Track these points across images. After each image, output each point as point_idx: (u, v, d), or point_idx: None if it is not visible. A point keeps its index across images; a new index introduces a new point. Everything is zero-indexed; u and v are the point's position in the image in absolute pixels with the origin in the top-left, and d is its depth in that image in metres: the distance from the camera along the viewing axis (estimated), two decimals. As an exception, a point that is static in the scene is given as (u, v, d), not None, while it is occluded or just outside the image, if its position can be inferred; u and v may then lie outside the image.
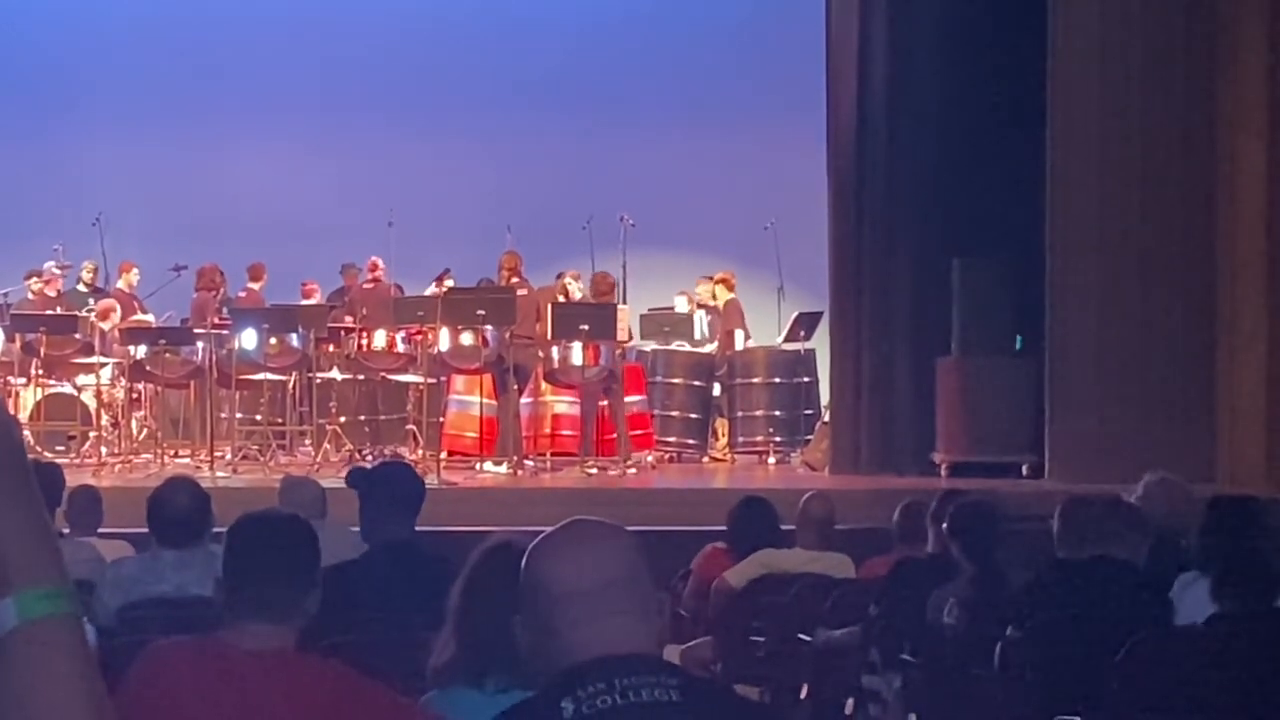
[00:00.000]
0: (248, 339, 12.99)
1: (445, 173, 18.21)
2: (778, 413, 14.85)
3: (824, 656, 6.82)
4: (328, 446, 13.19)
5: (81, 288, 15.30)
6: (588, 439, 13.27)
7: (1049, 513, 5.78)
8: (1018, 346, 12.89)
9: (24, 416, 13.13)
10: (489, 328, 12.76)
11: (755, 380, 14.93)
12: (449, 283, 14.58)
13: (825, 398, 14.78)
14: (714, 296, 15.68)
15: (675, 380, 14.78)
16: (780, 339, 15.47)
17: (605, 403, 13.32)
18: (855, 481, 12.60)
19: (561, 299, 13.65)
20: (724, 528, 7.69)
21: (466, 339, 12.83)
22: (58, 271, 15.16)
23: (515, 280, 13.53)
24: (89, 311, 14.09)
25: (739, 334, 15.28)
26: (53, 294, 14.79)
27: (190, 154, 18.34)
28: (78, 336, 13.44)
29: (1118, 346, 12.09)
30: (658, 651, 2.27)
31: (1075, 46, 12.30)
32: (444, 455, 13.05)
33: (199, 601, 5.06)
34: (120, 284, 15.12)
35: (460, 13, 18.84)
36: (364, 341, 13.42)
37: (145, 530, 5.63)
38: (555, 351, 12.94)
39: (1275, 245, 11.83)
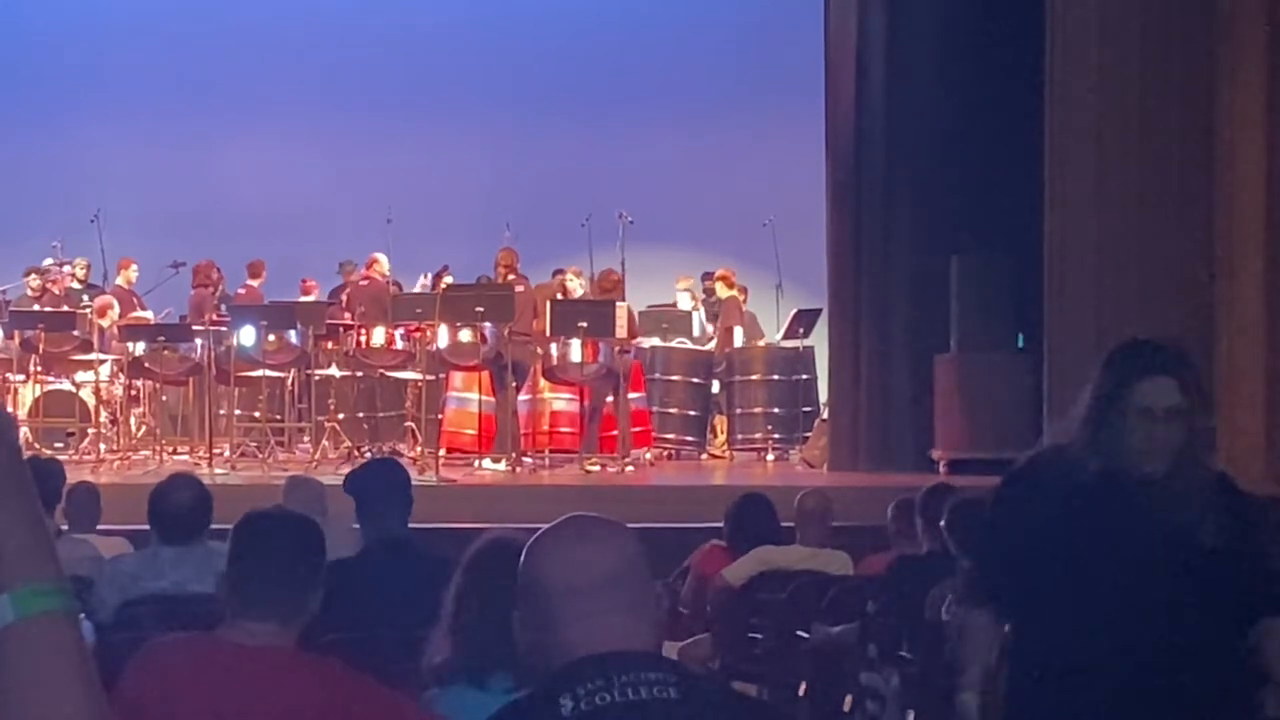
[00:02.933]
0: (246, 336, 12.98)
1: (444, 170, 18.22)
2: (776, 410, 14.85)
3: (822, 654, 6.82)
4: (326, 444, 13.19)
5: (75, 284, 15.30)
6: (591, 436, 13.27)
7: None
8: (1019, 345, 12.89)
9: (23, 413, 13.13)
10: (487, 324, 12.76)
11: (754, 377, 14.94)
12: (448, 279, 14.58)
13: (824, 395, 14.79)
14: (713, 292, 15.71)
15: (674, 377, 14.79)
16: (779, 336, 15.47)
17: (611, 399, 13.31)
18: (853, 479, 12.60)
19: (560, 296, 13.65)
20: (722, 525, 7.70)
21: (465, 336, 12.82)
22: (67, 270, 15.17)
23: (512, 277, 13.53)
24: (85, 308, 14.09)
25: (738, 331, 15.28)
26: (58, 292, 14.78)
27: (189, 151, 18.34)
28: (76, 333, 13.44)
29: (1116, 343, 12.07)
30: (656, 648, 2.27)
31: (1073, 43, 12.29)
32: (443, 452, 13.06)
33: (198, 598, 5.07)
34: (119, 280, 15.11)
35: (459, 9, 18.85)
36: (362, 338, 13.42)
37: (143, 527, 5.63)
38: (554, 348, 12.94)
39: (1274, 242, 11.83)
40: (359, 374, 13.95)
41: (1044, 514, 3.66)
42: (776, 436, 14.92)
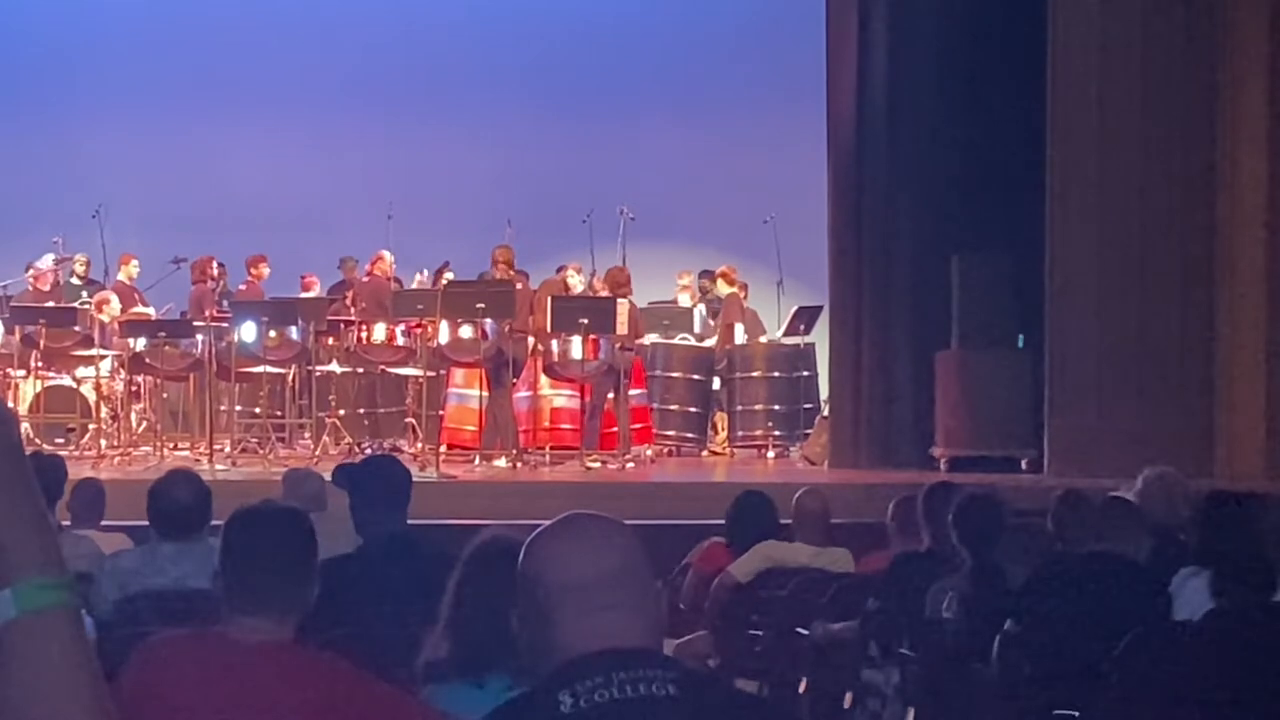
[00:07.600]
0: (247, 332, 12.98)
1: (445, 166, 18.23)
2: (777, 407, 14.84)
3: (823, 651, 6.82)
4: (327, 439, 13.19)
5: (75, 281, 15.29)
6: (592, 433, 13.26)
7: (1047, 507, 5.79)
8: (1019, 344, 12.89)
9: (23, 409, 13.13)
10: (488, 321, 12.76)
11: (755, 374, 14.93)
12: (448, 275, 14.58)
13: (825, 392, 14.78)
14: (709, 290, 15.70)
15: (674, 374, 14.78)
16: (780, 333, 15.47)
17: (612, 396, 13.30)
18: (854, 476, 12.59)
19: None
20: (723, 522, 7.70)
21: (466, 332, 12.83)
22: (54, 266, 15.15)
23: (512, 273, 13.53)
24: (85, 304, 14.09)
25: (739, 327, 15.27)
26: (45, 288, 14.74)
27: (190, 146, 18.34)
28: (77, 329, 13.44)
29: (1117, 341, 12.09)
30: (656, 645, 2.27)
31: (1076, 41, 12.30)
32: (443, 448, 13.06)
33: (197, 594, 5.07)
34: (120, 276, 15.11)
35: (460, 5, 18.84)
36: (363, 334, 13.42)
37: (143, 523, 5.63)
38: (555, 345, 12.93)
39: (1274, 240, 11.84)
40: (360, 370, 13.95)
41: None
42: (777, 433, 14.91)
